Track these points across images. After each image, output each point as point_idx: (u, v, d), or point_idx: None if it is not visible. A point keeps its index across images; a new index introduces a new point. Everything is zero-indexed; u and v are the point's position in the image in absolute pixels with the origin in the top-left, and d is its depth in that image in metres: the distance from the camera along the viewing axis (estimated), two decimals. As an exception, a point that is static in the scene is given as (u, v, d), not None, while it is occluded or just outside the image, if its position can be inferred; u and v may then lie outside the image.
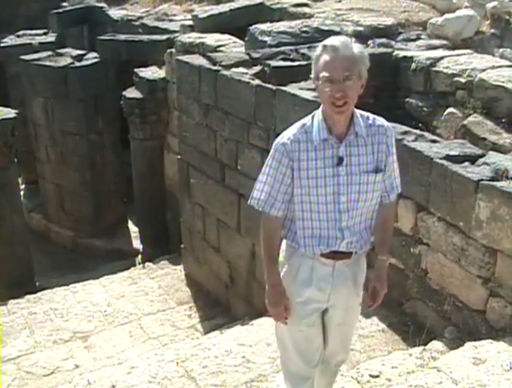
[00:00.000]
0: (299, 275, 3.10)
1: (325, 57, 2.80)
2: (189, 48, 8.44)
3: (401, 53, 6.57)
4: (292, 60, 6.54)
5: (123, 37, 10.32)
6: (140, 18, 11.59)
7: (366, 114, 3.02)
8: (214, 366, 4.66)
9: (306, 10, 8.83)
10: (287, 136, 2.96)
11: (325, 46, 2.82)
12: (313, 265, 3.07)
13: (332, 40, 2.81)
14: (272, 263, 3.12)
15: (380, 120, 3.03)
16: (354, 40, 2.94)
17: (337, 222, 3.00)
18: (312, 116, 2.98)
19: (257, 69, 6.61)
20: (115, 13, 12.25)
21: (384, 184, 3.07)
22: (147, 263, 9.23)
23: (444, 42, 7.28)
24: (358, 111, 2.97)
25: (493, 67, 5.96)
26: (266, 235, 3.10)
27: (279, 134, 3.08)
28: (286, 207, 3.04)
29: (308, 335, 3.25)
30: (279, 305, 3.12)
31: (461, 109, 5.80)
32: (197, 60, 7.13)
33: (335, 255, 3.04)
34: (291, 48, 6.84)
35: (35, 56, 10.67)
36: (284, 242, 3.17)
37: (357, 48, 2.83)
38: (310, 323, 3.18)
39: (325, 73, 2.79)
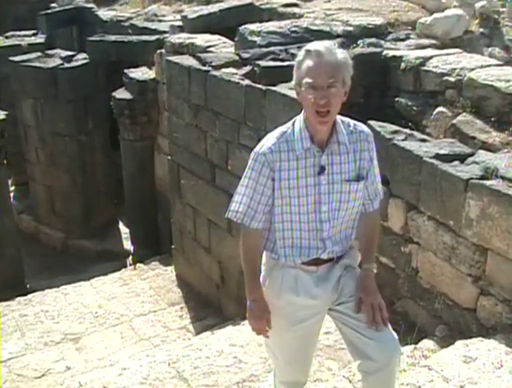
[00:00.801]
0: (283, 286, 2.98)
1: (309, 63, 2.71)
2: (179, 49, 8.43)
3: (391, 53, 6.58)
4: (282, 60, 6.54)
5: (112, 38, 10.29)
6: (130, 18, 11.55)
7: (346, 120, 2.92)
8: (206, 367, 4.65)
9: (295, 10, 8.84)
10: (267, 145, 2.86)
11: (308, 51, 2.72)
12: (296, 274, 2.97)
13: (315, 45, 2.73)
14: (254, 277, 3.01)
15: (361, 126, 2.94)
16: (337, 45, 2.81)
17: (318, 232, 2.91)
18: (293, 123, 2.88)
19: (247, 69, 6.62)
20: (105, 14, 12.21)
21: (366, 191, 2.99)
22: (138, 264, 9.21)
23: (433, 41, 7.29)
24: (339, 118, 2.87)
25: (481, 66, 5.98)
26: (246, 249, 3.00)
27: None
28: (266, 219, 2.95)
29: (303, 341, 3.13)
30: (261, 320, 3.01)
31: (450, 108, 5.82)
32: (187, 60, 7.12)
33: (317, 262, 2.96)
34: (281, 48, 6.84)
35: (25, 57, 10.63)
36: (264, 254, 3.07)
37: (341, 53, 2.74)
38: (304, 327, 3.04)
39: (308, 80, 2.70)
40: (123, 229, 11.30)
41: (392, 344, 2.93)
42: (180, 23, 9.67)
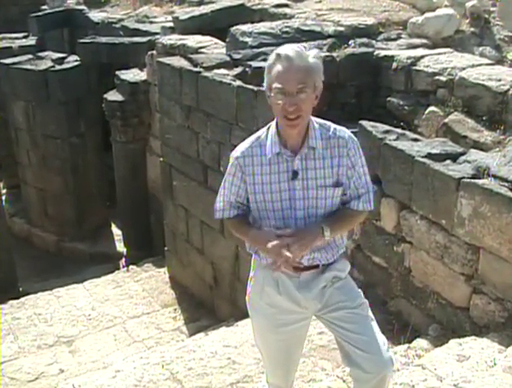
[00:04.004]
0: (265, 287, 2.96)
1: (278, 67, 2.67)
2: (170, 50, 8.42)
3: (382, 53, 6.59)
4: (273, 60, 6.54)
5: (103, 40, 10.26)
6: (121, 20, 11.52)
7: (327, 124, 2.87)
8: (199, 368, 4.65)
9: (287, 10, 8.85)
10: (240, 149, 2.87)
11: (278, 55, 2.69)
12: (278, 276, 2.91)
13: (286, 49, 2.68)
14: (245, 232, 2.95)
15: (342, 131, 2.86)
16: (308, 47, 2.77)
17: None
18: (268, 128, 2.88)
19: (238, 70, 6.62)
20: (96, 15, 12.17)
21: (348, 193, 2.89)
22: (131, 266, 9.19)
23: (424, 41, 7.31)
24: (317, 121, 2.84)
25: (472, 65, 6.00)
26: (234, 230, 3.05)
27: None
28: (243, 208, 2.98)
29: (286, 347, 3.09)
30: (265, 242, 2.77)
31: (442, 108, 5.84)
32: (178, 62, 7.12)
33: (299, 267, 2.89)
34: (273, 48, 6.82)
35: (16, 59, 10.58)
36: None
37: (313, 57, 2.70)
38: (286, 332, 3.01)
39: (277, 85, 2.67)
40: (116, 232, 11.28)
41: (385, 358, 2.86)
42: (171, 25, 9.66)
